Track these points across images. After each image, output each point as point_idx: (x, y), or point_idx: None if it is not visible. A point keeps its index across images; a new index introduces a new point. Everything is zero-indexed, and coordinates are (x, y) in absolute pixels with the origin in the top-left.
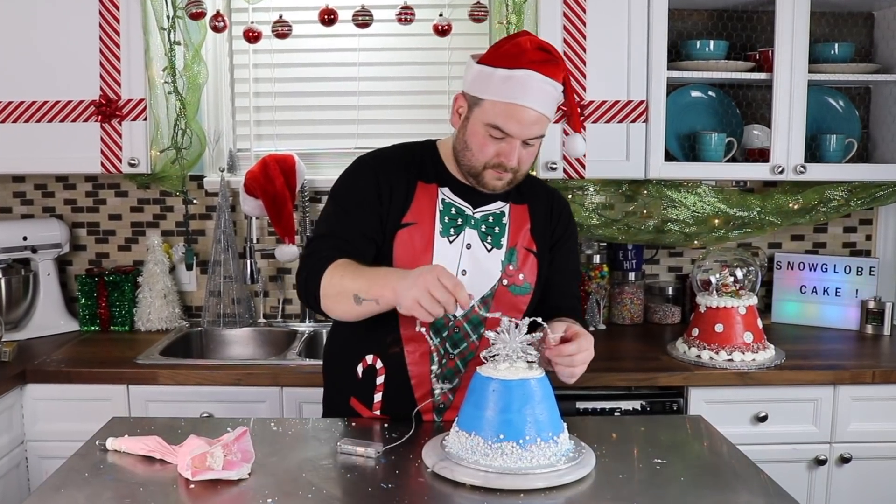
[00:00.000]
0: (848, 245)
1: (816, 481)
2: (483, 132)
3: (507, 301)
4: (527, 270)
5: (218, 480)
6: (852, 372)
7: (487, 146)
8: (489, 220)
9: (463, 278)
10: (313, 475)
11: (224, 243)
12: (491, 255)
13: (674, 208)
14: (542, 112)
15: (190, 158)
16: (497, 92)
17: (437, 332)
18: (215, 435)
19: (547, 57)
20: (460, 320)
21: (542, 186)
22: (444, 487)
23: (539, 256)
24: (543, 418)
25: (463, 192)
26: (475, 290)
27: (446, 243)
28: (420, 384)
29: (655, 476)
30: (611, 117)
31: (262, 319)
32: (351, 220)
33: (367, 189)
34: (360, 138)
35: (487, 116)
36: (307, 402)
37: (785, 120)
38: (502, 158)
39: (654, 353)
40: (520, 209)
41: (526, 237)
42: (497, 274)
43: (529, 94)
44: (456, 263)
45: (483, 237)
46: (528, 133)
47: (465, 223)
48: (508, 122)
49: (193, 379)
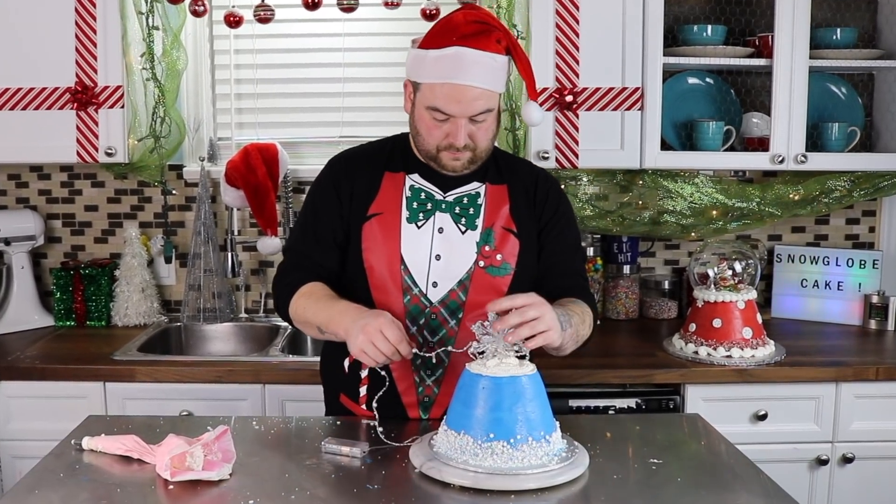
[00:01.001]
0: (850, 237)
1: (818, 482)
2: (427, 116)
3: (486, 283)
4: (506, 251)
5: (198, 481)
6: (855, 369)
7: (434, 129)
8: (463, 201)
9: (436, 263)
10: (297, 476)
11: (204, 235)
12: (465, 238)
13: (670, 199)
14: (482, 87)
15: (169, 147)
16: (431, 74)
17: (414, 321)
18: (195, 434)
19: (479, 28)
20: (437, 306)
21: (526, 166)
22: (431, 488)
23: (521, 237)
24: (535, 417)
25: (434, 177)
26: (451, 275)
27: (414, 230)
28: (402, 377)
29: (651, 477)
30: (605, 105)
31: (244, 314)
32: (313, 232)
33: (328, 194)
34: (345, 126)
35: (427, 100)
36: (290, 400)
37: (785, 107)
38: (451, 139)
39: (649, 350)
40: (498, 189)
41: (504, 217)
42: (472, 256)
43: (464, 71)
44: (427, 248)
45: (456, 219)
46: (470, 110)
47: (434, 207)
48: (447, 103)
49: (172, 376)
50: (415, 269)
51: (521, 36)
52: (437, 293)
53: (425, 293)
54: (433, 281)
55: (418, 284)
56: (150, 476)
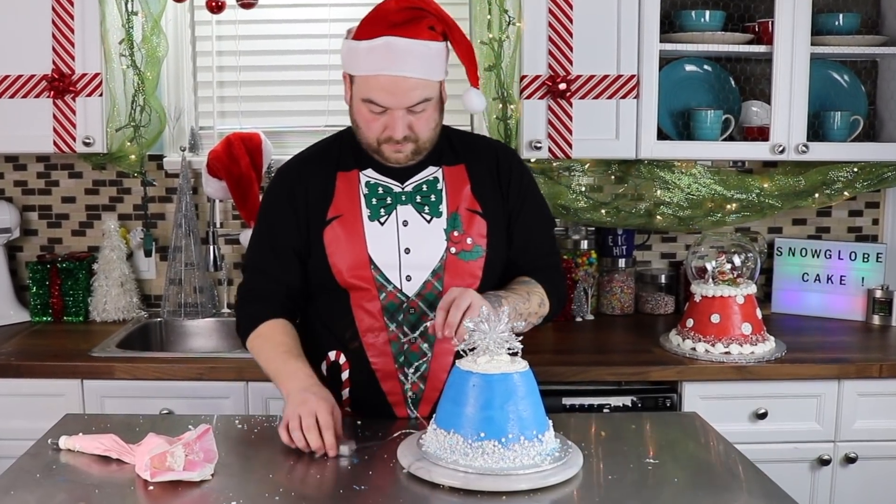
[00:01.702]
0: (853, 230)
1: (820, 482)
2: (364, 109)
3: (460, 269)
4: (474, 233)
5: (179, 482)
6: (858, 366)
7: (372, 122)
8: (422, 189)
9: (406, 257)
10: (281, 476)
11: (185, 228)
12: (432, 226)
13: (667, 190)
14: (417, 76)
15: (149, 137)
16: (363, 66)
17: (392, 318)
18: (176, 433)
19: (411, 15)
20: (414, 300)
21: (482, 142)
22: (420, 489)
23: (487, 216)
24: (527, 415)
25: (388, 169)
26: (424, 266)
27: (378, 227)
28: (386, 376)
29: (647, 477)
30: (599, 93)
31: (226, 309)
32: (271, 248)
33: (281, 205)
34: (331, 115)
35: (362, 92)
36: (274, 398)
37: (786, 96)
38: (389, 132)
39: (645, 346)
40: (455, 170)
41: (467, 198)
42: (442, 244)
43: (395, 62)
44: (394, 244)
45: (419, 209)
46: (406, 101)
47: (395, 201)
48: (382, 95)
49: (152, 373)
50: (385, 266)
51: (512, 22)
52: (413, 286)
53: (400, 289)
54: (406, 275)
55: (391, 281)
56: (130, 476)
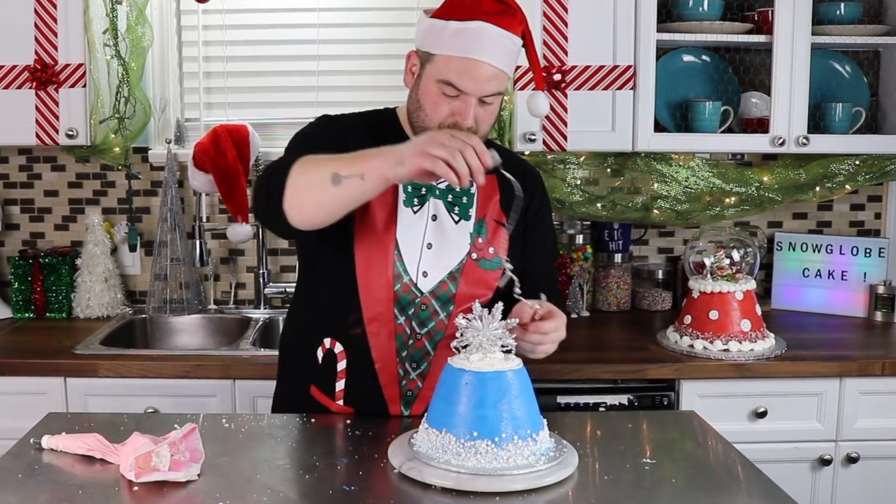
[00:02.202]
0: (855, 224)
1: (821, 483)
2: (436, 90)
3: (477, 277)
4: (497, 244)
5: (164, 482)
6: (860, 363)
7: (441, 105)
8: (456, 189)
9: (428, 252)
10: (269, 476)
11: (171, 222)
12: (459, 228)
13: (664, 184)
14: (499, 67)
15: (133, 129)
16: (450, 46)
17: (403, 311)
18: (161, 432)
19: (503, 8)
20: (427, 297)
21: (514, 158)
22: (412, 490)
23: (508, 231)
24: (521, 414)
25: None
26: (442, 265)
27: (410, 214)
28: (385, 369)
29: (644, 478)
30: (595, 84)
31: (213, 305)
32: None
33: (334, 139)
34: (320, 107)
35: (440, 72)
36: (262, 397)
37: (786, 87)
38: (457, 118)
39: (642, 343)
40: (488, 179)
41: (495, 208)
42: (465, 247)
43: (484, 48)
44: (421, 236)
45: (450, 208)
46: (484, 90)
47: (429, 192)
48: (462, 78)
49: (137, 371)
50: (407, 255)
51: None
52: (428, 283)
53: (415, 282)
54: (423, 270)
55: (409, 273)
56: (114, 477)
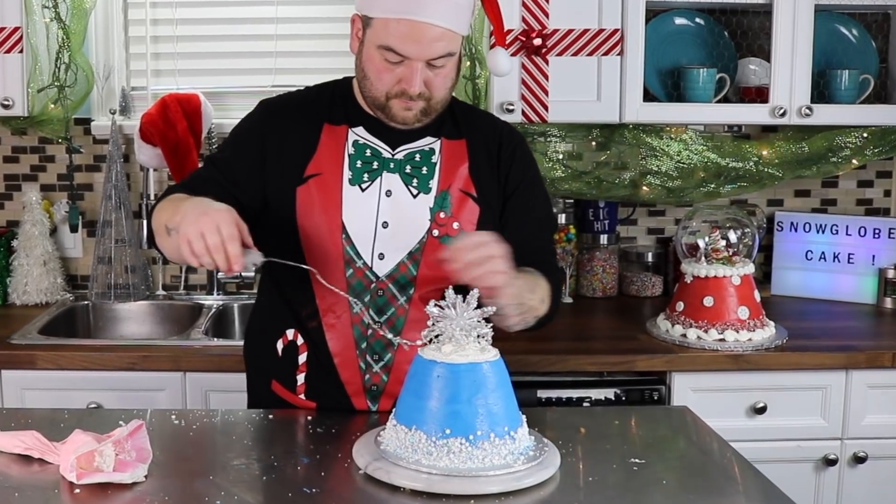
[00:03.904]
0: (863, 202)
1: (825, 485)
2: (378, 57)
3: (440, 256)
4: (463, 218)
5: (108, 484)
6: (868, 354)
7: (385, 73)
8: (415, 159)
9: (383, 231)
10: (223, 478)
11: (116, 200)
12: (417, 202)
13: (654, 158)
14: (446, 26)
15: (75, 99)
16: (386, 7)
17: (358, 298)
18: (105, 430)
19: None
20: (384, 281)
21: (487, 119)
22: (378, 492)
23: (481, 202)
24: (498, 409)
25: (380, 131)
26: (400, 245)
27: (358, 192)
28: (345, 363)
29: (632, 479)
30: (578, 49)
31: (162, 291)
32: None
33: (250, 142)
34: (278, 74)
35: (379, 38)
36: (215, 391)
37: (787, 52)
38: (404, 85)
39: (630, 332)
40: (455, 145)
41: (462, 178)
42: (425, 224)
43: (425, 6)
44: (373, 215)
45: (407, 180)
46: (429, 53)
47: (382, 167)
48: (404, 43)
49: (79, 362)
50: (358, 238)
51: None
52: (384, 266)
53: (370, 266)
54: (379, 252)
55: (362, 256)
56: (54, 478)
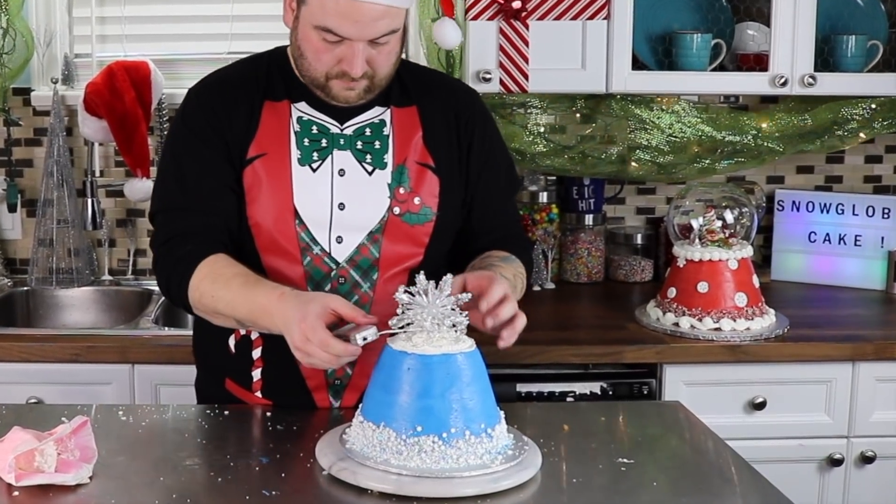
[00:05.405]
0: (871, 179)
1: (829, 486)
2: (316, 37)
3: (403, 233)
4: (424, 192)
5: (49, 486)
6: (876, 345)
7: (323, 53)
8: (365, 133)
9: (340, 213)
10: (173, 479)
11: (58, 177)
12: (374, 179)
13: (644, 131)
14: (388, 3)
15: (13, 67)
16: None
17: (318, 287)
18: (46, 427)
19: None
20: (345, 267)
21: (439, 80)
22: (344, 495)
23: (440, 173)
24: (474, 405)
25: (324, 105)
26: (359, 226)
27: (309, 173)
28: None
29: (620, 480)
30: (561, 13)
31: (108, 276)
32: (194, 176)
33: (200, 127)
34: (235, 40)
35: (315, 17)
36: (165, 384)
37: (789, 16)
38: (344, 66)
39: (618, 321)
40: (406, 113)
41: (418, 149)
42: (385, 201)
43: None
44: (327, 196)
45: (360, 157)
46: (371, 32)
47: (331, 144)
48: (343, 23)
49: (17, 354)
50: (313, 223)
51: None
52: (344, 251)
53: (329, 252)
54: (337, 236)
55: (319, 242)
56: None
